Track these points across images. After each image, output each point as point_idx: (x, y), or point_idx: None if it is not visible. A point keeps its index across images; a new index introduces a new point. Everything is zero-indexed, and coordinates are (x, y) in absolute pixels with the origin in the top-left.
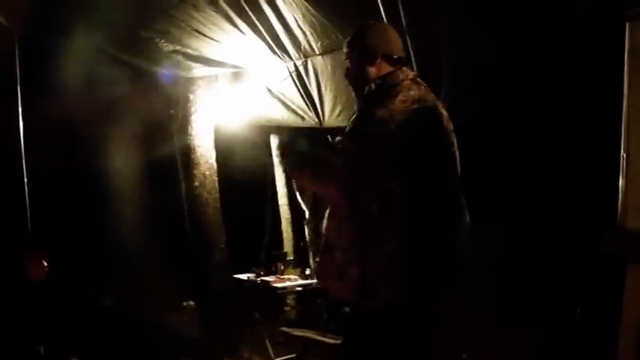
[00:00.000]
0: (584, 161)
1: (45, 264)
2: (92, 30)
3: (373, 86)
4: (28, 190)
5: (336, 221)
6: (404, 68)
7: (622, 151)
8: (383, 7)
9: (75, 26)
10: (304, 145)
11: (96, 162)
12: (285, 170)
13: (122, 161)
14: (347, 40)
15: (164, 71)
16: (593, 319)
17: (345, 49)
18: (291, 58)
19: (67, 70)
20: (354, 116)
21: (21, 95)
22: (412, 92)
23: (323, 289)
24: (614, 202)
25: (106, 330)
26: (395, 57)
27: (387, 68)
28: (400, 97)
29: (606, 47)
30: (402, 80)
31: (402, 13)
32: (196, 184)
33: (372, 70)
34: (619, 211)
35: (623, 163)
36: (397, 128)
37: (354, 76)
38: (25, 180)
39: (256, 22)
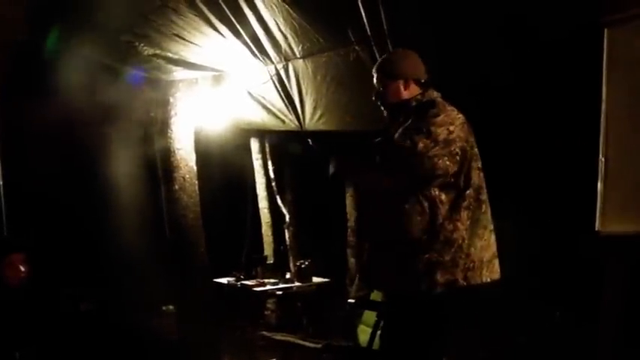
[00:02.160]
0: (563, 164)
1: (22, 268)
2: (71, 33)
3: (414, 102)
4: (4, 193)
5: (399, 216)
6: (431, 89)
7: (600, 155)
8: (364, 12)
9: (54, 29)
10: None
11: (76, 164)
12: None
13: (103, 164)
14: (378, 66)
15: (134, 72)
16: (573, 323)
17: (376, 74)
18: (271, 62)
19: (47, 72)
20: (402, 127)
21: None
22: (451, 107)
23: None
24: (592, 205)
25: (84, 334)
26: (422, 80)
27: (417, 90)
28: (448, 107)
29: (585, 53)
30: (436, 97)
31: (383, 18)
32: (176, 187)
33: (406, 93)
34: (597, 215)
35: (601, 167)
36: (457, 130)
37: (389, 99)
38: (1, 183)
39: (237, 25)
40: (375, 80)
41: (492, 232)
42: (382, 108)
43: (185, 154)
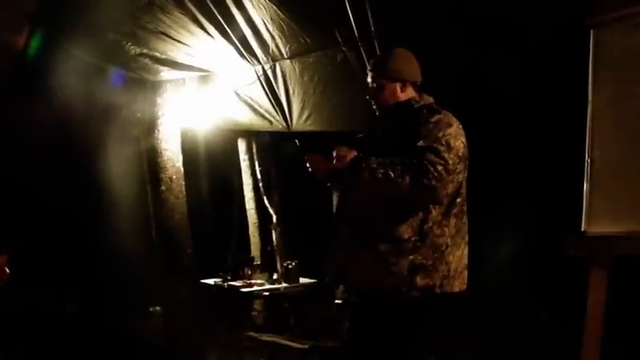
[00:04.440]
0: (550, 165)
1: (7, 270)
2: (60, 33)
3: (416, 105)
4: None
5: (390, 214)
6: (425, 94)
7: (586, 156)
8: (352, 13)
9: (42, 30)
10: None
11: (64, 164)
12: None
13: (91, 164)
14: (375, 65)
15: (120, 72)
16: (559, 323)
17: (372, 72)
18: (259, 62)
19: (35, 73)
20: (416, 140)
21: None
22: (448, 111)
23: (348, 278)
24: (578, 206)
25: (69, 337)
26: (418, 83)
27: (412, 92)
28: (446, 112)
29: (571, 54)
30: (432, 103)
31: (370, 19)
32: (163, 188)
33: (402, 95)
34: (583, 216)
35: (587, 168)
36: (465, 139)
37: (385, 100)
38: None
39: (225, 25)
40: (369, 78)
41: (467, 244)
42: (375, 107)
43: (172, 155)
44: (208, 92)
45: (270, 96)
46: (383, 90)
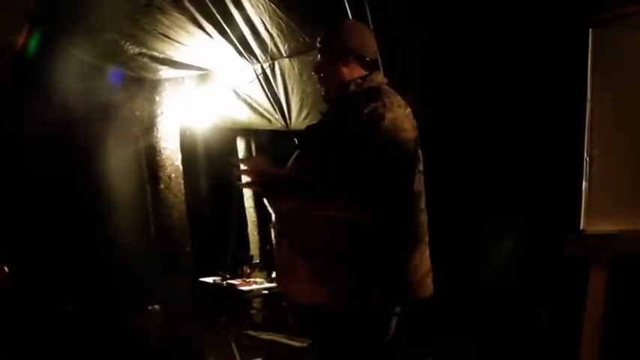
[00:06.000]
0: (549, 164)
1: (5, 269)
2: (59, 32)
3: (353, 87)
4: None
5: (321, 224)
6: (376, 72)
7: (585, 154)
8: (350, 12)
9: (41, 29)
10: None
11: (63, 163)
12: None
13: (90, 163)
14: (322, 37)
15: (118, 71)
16: (558, 322)
17: (319, 46)
18: (258, 61)
19: (34, 72)
20: (329, 117)
21: None
22: (398, 97)
23: (290, 292)
24: (577, 204)
25: (68, 335)
26: (367, 59)
27: (359, 70)
28: (387, 99)
29: (570, 52)
30: (381, 84)
31: (369, 17)
32: (162, 186)
33: (345, 71)
34: (582, 214)
35: (586, 166)
36: (407, 131)
37: (327, 77)
38: None
39: (223, 24)
40: (317, 52)
41: (427, 245)
42: (319, 86)
43: (171, 153)
44: (207, 91)
45: (268, 94)
46: (326, 65)
